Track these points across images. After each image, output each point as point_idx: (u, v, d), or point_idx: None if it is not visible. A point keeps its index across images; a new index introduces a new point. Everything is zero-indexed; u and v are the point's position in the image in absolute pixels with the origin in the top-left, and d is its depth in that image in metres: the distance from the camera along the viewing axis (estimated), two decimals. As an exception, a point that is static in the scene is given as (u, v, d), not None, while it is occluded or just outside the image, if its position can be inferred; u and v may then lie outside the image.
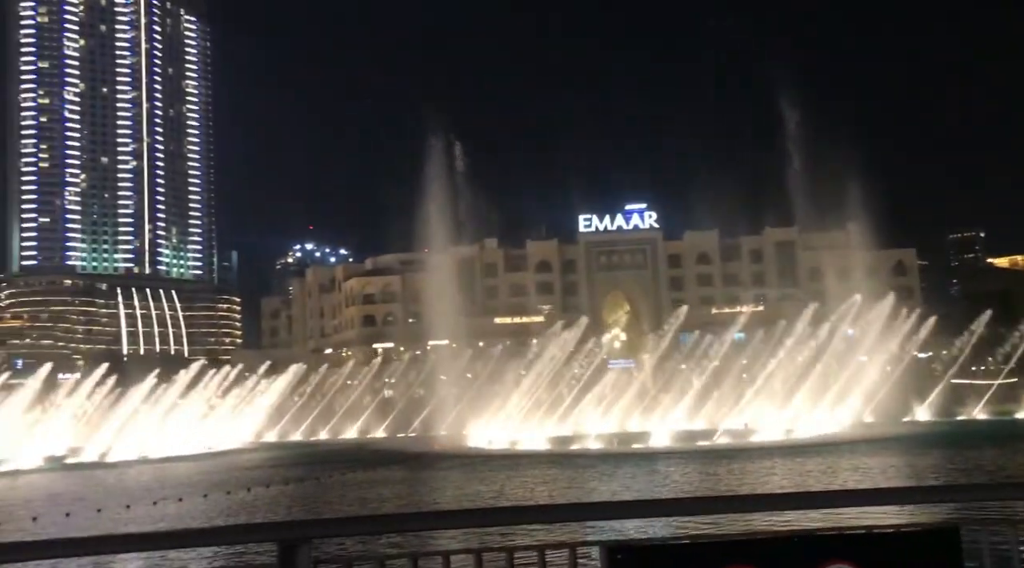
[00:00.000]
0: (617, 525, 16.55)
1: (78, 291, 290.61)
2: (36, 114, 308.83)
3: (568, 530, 16.71)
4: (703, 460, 57.66)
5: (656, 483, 47.10)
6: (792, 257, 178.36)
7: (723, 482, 45.84)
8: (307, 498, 46.90)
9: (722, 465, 53.89)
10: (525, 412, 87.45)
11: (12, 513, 45.28)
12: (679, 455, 62.24)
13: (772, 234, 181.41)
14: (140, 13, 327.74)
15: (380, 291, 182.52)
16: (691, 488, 43.75)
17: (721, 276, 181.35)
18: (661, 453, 65.23)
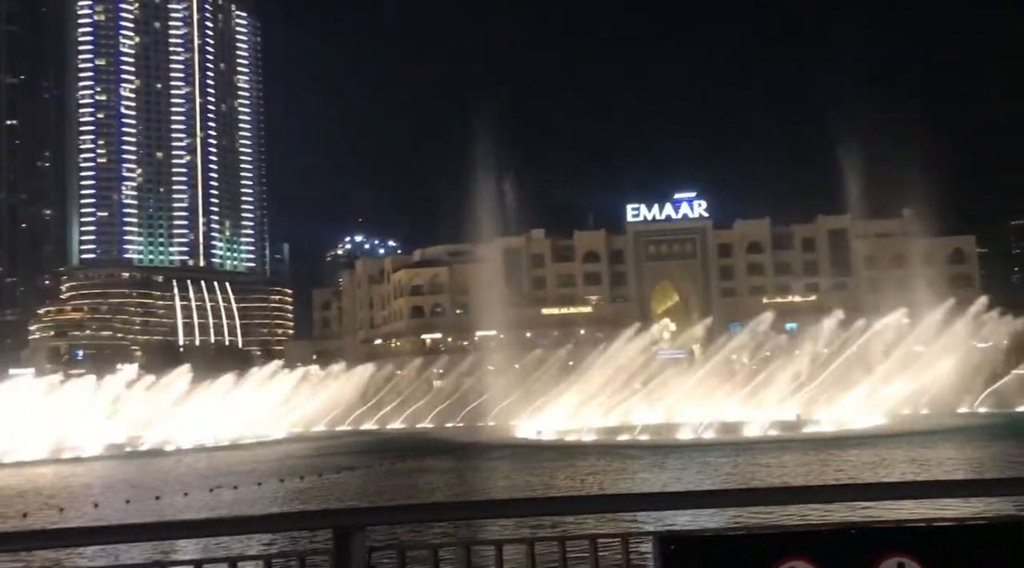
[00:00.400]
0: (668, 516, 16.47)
1: (135, 283, 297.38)
2: (94, 111, 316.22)
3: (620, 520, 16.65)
4: (753, 452, 57.00)
5: (706, 474, 46.71)
6: (845, 245, 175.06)
7: (774, 474, 45.29)
8: (358, 487, 47.48)
9: (774, 456, 53.23)
10: (573, 403, 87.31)
11: (75, 500, 46.67)
12: (729, 447, 61.61)
13: (825, 222, 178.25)
14: (193, 9, 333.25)
15: (428, 282, 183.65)
16: (741, 480, 43.32)
17: (772, 265, 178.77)
18: (711, 444, 64.67)
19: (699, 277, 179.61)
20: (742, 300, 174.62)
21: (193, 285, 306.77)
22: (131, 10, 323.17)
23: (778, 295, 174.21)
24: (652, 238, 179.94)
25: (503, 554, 6.42)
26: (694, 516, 17.59)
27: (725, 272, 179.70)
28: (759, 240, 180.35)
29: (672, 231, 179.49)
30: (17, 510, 42.22)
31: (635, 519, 17.39)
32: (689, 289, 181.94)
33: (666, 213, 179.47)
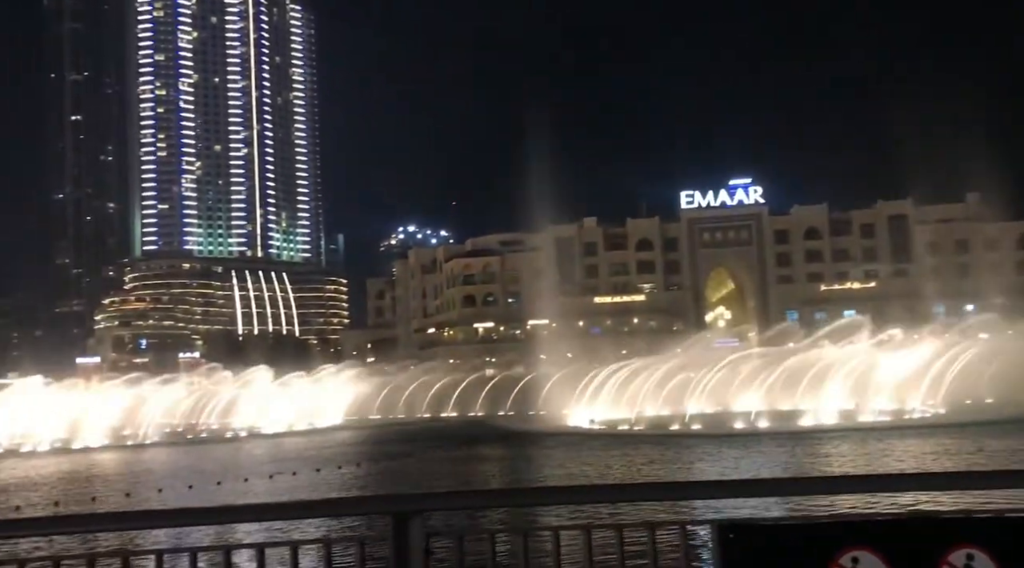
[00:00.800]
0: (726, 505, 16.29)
1: (196, 274, 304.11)
2: (154, 105, 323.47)
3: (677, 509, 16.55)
4: (810, 441, 56.14)
5: (763, 463, 46.17)
6: (906, 231, 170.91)
7: (832, 463, 44.58)
8: (414, 473, 48.02)
9: (832, 446, 52.37)
10: (626, 392, 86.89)
11: (140, 485, 48.05)
12: (785, 436, 60.76)
13: (885, 207, 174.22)
14: (248, 4, 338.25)
15: (480, 272, 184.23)
16: (799, 469, 42.72)
17: (830, 252, 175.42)
18: (766, 433, 63.85)
19: (755, 264, 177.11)
20: (799, 287, 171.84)
21: (251, 275, 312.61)
22: (189, 6, 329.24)
23: (836, 282, 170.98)
24: (707, 225, 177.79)
25: (560, 540, 6.42)
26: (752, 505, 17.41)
27: (782, 259, 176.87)
28: (816, 226, 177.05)
29: (727, 218, 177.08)
30: (86, 495, 43.67)
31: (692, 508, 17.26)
32: (745, 277, 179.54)
33: (721, 200, 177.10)
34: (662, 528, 6.58)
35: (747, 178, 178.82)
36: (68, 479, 53.40)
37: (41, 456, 74.44)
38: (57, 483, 51.08)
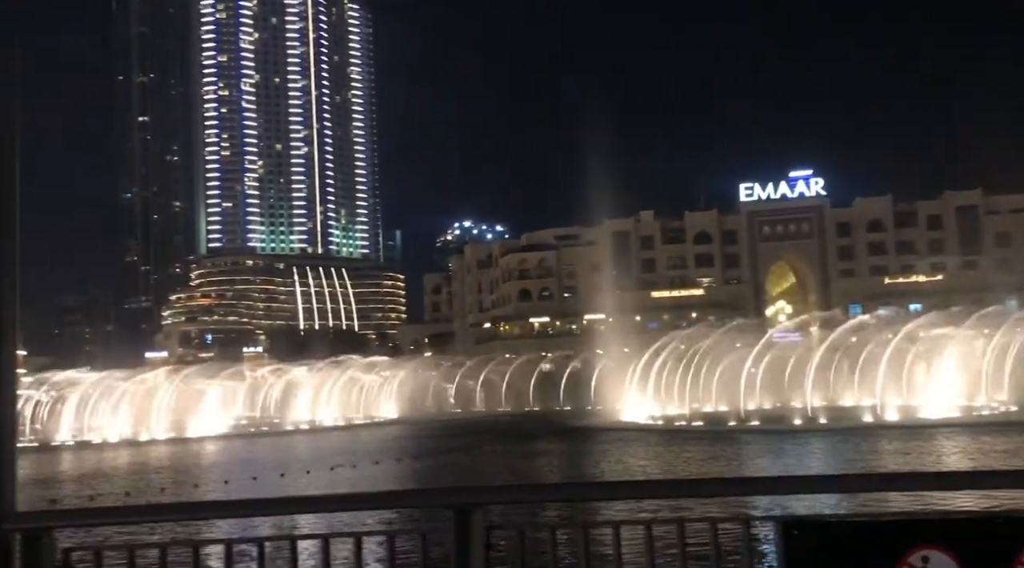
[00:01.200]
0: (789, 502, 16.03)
1: (258, 271, 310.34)
2: (217, 106, 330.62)
3: (740, 505, 16.33)
4: (873, 437, 54.87)
5: (824, 460, 45.33)
6: (975, 222, 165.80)
7: (896, 460, 43.53)
8: (473, 467, 48.30)
9: (897, 442, 51.12)
10: (684, 387, 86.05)
11: (206, 476, 49.26)
12: (847, 433, 59.51)
13: (952, 198, 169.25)
14: (308, 4, 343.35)
15: (536, 266, 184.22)
16: (861, 465, 41.84)
17: (895, 244, 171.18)
18: (827, 430, 62.60)
19: (816, 257, 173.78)
20: (862, 281, 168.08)
21: (312, 272, 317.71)
22: (250, 7, 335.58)
23: (901, 275, 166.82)
24: (767, 218, 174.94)
25: (620, 535, 6.39)
26: (816, 502, 17.09)
27: (844, 252, 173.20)
28: (880, 218, 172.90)
29: (788, 210, 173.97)
30: (156, 485, 44.95)
31: (755, 504, 17.03)
32: (806, 270, 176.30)
33: (781, 192, 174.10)
34: (724, 524, 6.50)
35: (808, 170, 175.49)
36: (137, 470, 55.01)
37: (111, 448, 76.81)
38: (127, 474, 52.67)
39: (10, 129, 5.38)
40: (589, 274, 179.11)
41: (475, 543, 6.06)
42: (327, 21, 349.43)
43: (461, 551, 6.01)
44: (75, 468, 58.29)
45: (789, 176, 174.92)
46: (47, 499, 38.86)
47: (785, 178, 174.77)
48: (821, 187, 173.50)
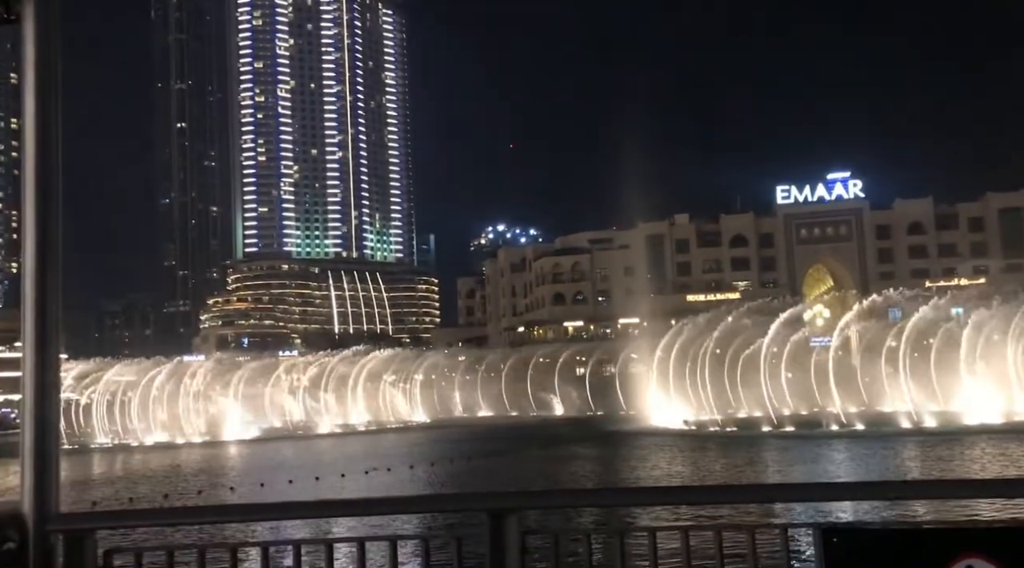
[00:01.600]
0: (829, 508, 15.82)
1: (294, 275, 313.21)
2: (254, 111, 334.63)
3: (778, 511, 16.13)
4: (910, 443, 53.94)
5: (862, 466, 44.64)
6: (1018, 224, 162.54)
7: (936, 467, 42.73)
8: (507, 471, 48.26)
9: (940, 448, 50.19)
10: (718, 392, 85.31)
11: (243, 479, 49.77)
12: (884, 438, 58.56)
13: (995, 200, 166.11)
14: (343, 10, 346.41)
15: (569, 270, 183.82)
16: (901, 472, 41.14)
17: (936, 247, 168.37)
18: (863, 435, 61.68)
19: (855, 261, 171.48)
20: (902, 284, 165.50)
21: (346, 276, 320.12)
22: (286, 14, 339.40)
23: (942, 279, 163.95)
24: (804, 221, 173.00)
25: (657, 541, 6.32)
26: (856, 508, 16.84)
27: (883, 255, 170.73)
28: (921, 221, 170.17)
29: (825, 213, 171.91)
30: (192, 488, 45.51)
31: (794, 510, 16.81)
32: (844, 273, 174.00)
33: (818, 195, 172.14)
34: (763, 531, 6.41)
35: (846, 172, 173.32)
36: (173, 473, 55.74)
37: (147, 450, 77.93)
38: (164, 477, 53.39)
39: (53, 135, 5.47)
40: (623, 278, 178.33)
41: (510, 548, 6.02)
42: (361, 27, 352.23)
43: (496, 556, 5.98)
44: (113, 470, 59.24)
45: (827, 178, 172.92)
46: (87, 500, 39.52)
47: (823, 180, 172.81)
48: (860, 189, 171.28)
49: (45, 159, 5.37)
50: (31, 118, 5.41)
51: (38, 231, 5.30)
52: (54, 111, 5.42)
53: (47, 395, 5.17)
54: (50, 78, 5.40)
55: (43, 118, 5.42)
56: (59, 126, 5.47)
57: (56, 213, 5.39)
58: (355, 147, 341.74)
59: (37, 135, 5.38)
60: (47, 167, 5.39)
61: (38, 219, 5.31)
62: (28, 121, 5.37)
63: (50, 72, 5.42)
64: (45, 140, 5.40)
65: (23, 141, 5.48)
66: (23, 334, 5.33)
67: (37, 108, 5.39)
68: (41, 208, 5.31)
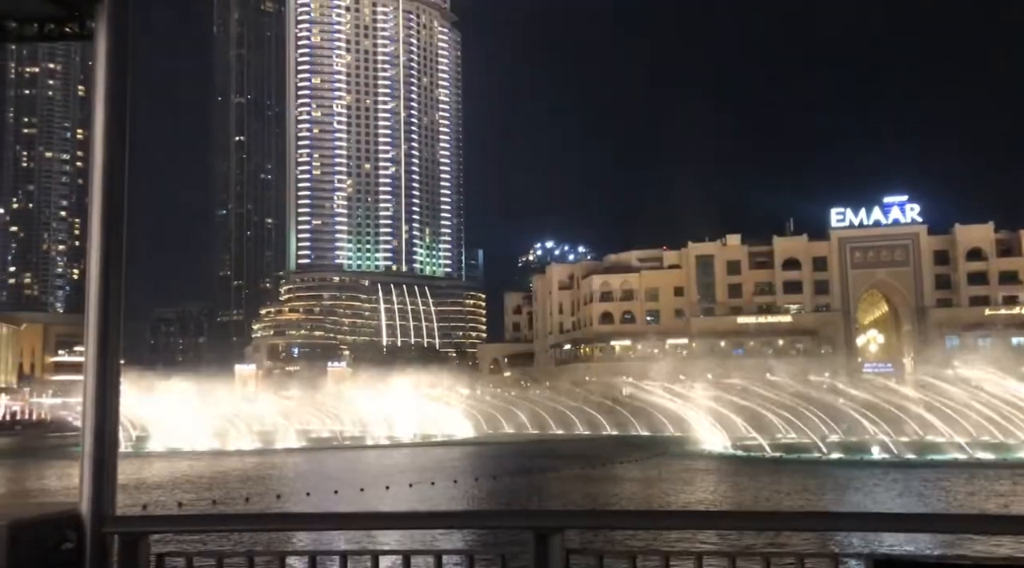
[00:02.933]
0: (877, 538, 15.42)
1: (344, 287, 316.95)
2: (310, 126, 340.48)
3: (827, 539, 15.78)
4: (965, 475, 52.34)
5: (910, 496, 43.45)
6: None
7: (989, 501, 41.40)
8: (548, 490, 48.00)
9: (994, 482, 48.65)
10: (764, 416, 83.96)
11: (290, 488, 50.30)
12: (937, 468, 56.95)
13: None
14: (399, 28, 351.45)
15: (618, 288, 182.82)
16: (956, 505, 39.95)
17: (997, 274, 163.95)
18: (915, 465, 60.06)
19: (911, 286, 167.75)
20: (961, 311, 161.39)
21: (395, 289, 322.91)
22: (344, 31, 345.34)
23: (1004, 307, 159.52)
24: (859, 244, 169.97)
25: (703, 565, 6.24)
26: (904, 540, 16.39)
27: (941, 281, 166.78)
28: (981, 246, 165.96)
29: (881, 236, 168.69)
30: (240, 495, 46.11)
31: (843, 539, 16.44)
32: (900, 299, 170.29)
33: (874, 218, 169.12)
34: (812, 560, 6.29)
35: (903, 196, 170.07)
36: (222, 480, 56.54)
37: (199, 457, 79.19)
38: (213, 483, 54.18)
39: (121, 147, 5.63)
40: (672, 298, 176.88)
41: (554, 567, 6.00)
42: (417, 45, 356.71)
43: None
44: (163, 475, 60.32)
45: (883, 202, 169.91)
46: (138, 504, 40.30)
47: (879, 204, 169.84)
48: (917, 213, 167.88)
49: (112, 171, 5.54)
50: (100, 130, 5.58)
51: (103, 240, 5.45)
52: (123, 124, 5.59)
53: (107, 400, 5.31)
54: (120, 93, 5.58)
55: (112, 130, 5.59)
56: (127, 138, 5.64)
57: (121, 223, 5.55)
58: (407, 162, 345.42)
59: (106, 147, 5.55)
60: (114, 179, 5.56)
61: (103, 228, 5.46)
62: (98, 133, 5.55)
63: (120, 87, 5.60)
64: (113, 152, 5.57)
65: (92, 152, 5.65)
66: (86, 340, 5.47)
67: (106, 121, 5.57)
68: (107, 217, 5.47)
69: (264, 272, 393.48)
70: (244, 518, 8.22)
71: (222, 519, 9.40)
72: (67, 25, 5.67)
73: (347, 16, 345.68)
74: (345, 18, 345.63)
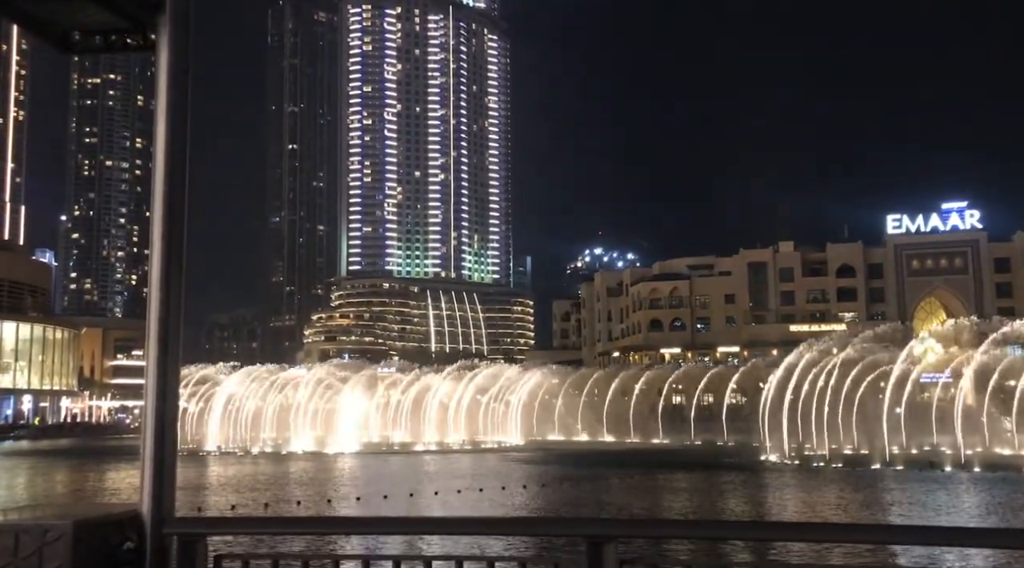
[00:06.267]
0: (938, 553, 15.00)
1: (394, 293, 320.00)
2: (361, 134, 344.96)
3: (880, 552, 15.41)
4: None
5: (979, 510, 42.21)
6: None
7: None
8: (599, 497, 47.69)
9: None
10: (823, 425, 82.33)
11: (342, 492, 50.80)
12: (1000, 482, 55.27)
13: None
14: (449, 36, 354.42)
15: (667, 296, 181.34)
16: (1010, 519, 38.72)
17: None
18: (979, 478, 58.37)
19: (971, 295, 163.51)
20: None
21: (444, 295, 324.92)
22: (395, 40, 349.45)
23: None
24: (915, 251, 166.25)
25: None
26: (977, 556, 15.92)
27: (1002, 289, 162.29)
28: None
29: (939, 244, 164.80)
30: (292, 497, 46.72)
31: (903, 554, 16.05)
32: (959, 308, 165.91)
33: (932, 225, 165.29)
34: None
35: (962, 202, 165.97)
36: (275, 482, 57.35)
37: (252, 459, 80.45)
38: (266, 486, 54.97)
39: (181, 157, 5.74)
40: (723, 305, 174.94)
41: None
42: (467, 53, 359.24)
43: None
44: (217, 477, 61.38)
45: (941, 208, 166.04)
46: (194, 505, 41.06)
47: (937, 210, 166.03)
48: (977, 220, 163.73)
49: (173, 179, 5.65)
50: (162, 139, 5.70)
51: (164, 245, 5.56)
52: (184, 133, 5.70)
53: (167, 402, 5.41)
54: (181, 102, 5.69)
55: (173, 140, 5.71)
56: (187, 147, 5.75)
57: (181, 229, 5.65)
58: (457, 170, 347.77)
59: (167, 155, 5.67)
60: (174, 186, 5.67)
61: (164, 234, 5.57)
62: (159, 142, 5.67)
63: (181, 97, 5.71)
64: (174, 160, 5.69)
65: (154, 161, 5.78)
66: (146, 343, 5.58)
67: (168, 130, 5.68)
68: (167, 224, 5.58)
69: (316, 278, 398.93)
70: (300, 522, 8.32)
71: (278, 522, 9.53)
72: (130, 36, 5.79)
73: (398, 25, 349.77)
74: (396, 27, 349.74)
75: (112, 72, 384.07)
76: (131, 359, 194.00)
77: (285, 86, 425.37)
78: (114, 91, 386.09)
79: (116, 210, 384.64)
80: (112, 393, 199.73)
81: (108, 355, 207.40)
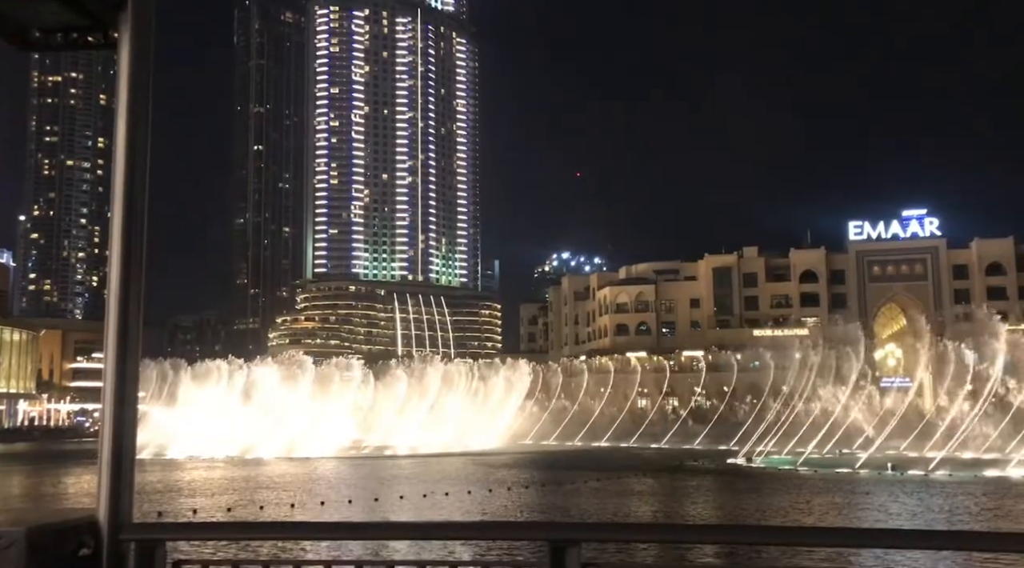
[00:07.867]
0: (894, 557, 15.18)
1: (361, 296, 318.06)
2: (328, 136, 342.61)
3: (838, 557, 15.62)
4: (994, 491, 51.75)
5: (939, 513, 42.96)
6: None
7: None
8: (565, 502, 47.78)
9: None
10: (783, 430, 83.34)
11: (305, 497, 50.35)
12: (951, 485, 56.32)
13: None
14: (417, 39, 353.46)
15: (633, 300, 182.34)
16: (986, 523, 39.47)
17: (1016, 288, 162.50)
18: (945, 482, 59.41)
19: (930, 300, 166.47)
20: (979, 326, 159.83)
21: (411, 298, 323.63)
22: (363, 41, 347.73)
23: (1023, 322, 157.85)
24: (877, 258, 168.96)
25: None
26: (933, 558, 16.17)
27: (960, 295, 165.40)
28: (1000, 261, 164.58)
29: (900, 250, 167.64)
30: (255, 503, 46.20)
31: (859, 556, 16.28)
32: (918, 313, 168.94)
33: (892, 232, 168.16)
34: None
35: (922, 209, 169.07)
36: (239, 488, 56.69)
37: (218, 465, 79.45)
38: (229, 491, 54.32)
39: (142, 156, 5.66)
40: (688, 310, 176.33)
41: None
42: (435, 56, 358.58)
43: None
44: (179, 482, 60.52)
45: (902, 215, 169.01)
46: (154, 511, 40.44)
47: (897, 217, 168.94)
48: (936, 227, 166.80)
49: (134, 179, 5.57)
50: (122, 138, 5.62)
51: (124, 246, 5.47)
52: (145, 133, 5.63)
53: (125, 407, 5.32)
54: (142, 101, 5.62)
55: (133, 139, 5.62)
56: (148, 147, 5.67)
57: (141, 230, 5.57)
58: (424, 173, 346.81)
59: (127, 155, 5.58)
60: (135, 187, 5.59)
61: (124, 235, 5.49)
62: (119, 141, 5.58)
63: (142, 95, 5.63)
64: (134, 160, 5.61)
65: (114, 160, 5.69)
66: (105, 345, 5.49)
67: (128, 129, 5.60)
68: (127, 225, 5.50)
69: (281, 281, 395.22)
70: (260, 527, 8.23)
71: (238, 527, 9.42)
72: (91, 34, 5.70)
73: (366, 27, 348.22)
74: (364, 29, 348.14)
75: (74, 70, 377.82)
76: (91, 362, 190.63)
77: (251, 86, 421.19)
78: (75, 90, 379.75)
79: (77, 210, 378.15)
80: (71, 396, 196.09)
81: (68, 357, 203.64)
